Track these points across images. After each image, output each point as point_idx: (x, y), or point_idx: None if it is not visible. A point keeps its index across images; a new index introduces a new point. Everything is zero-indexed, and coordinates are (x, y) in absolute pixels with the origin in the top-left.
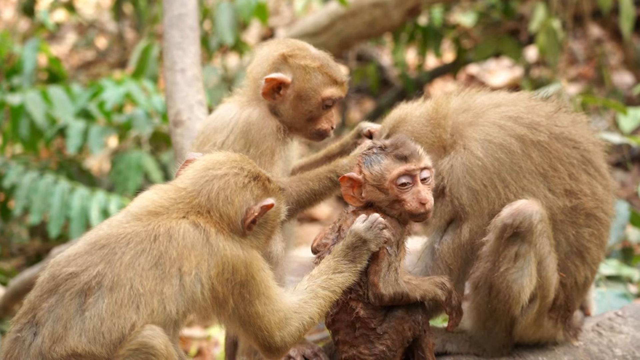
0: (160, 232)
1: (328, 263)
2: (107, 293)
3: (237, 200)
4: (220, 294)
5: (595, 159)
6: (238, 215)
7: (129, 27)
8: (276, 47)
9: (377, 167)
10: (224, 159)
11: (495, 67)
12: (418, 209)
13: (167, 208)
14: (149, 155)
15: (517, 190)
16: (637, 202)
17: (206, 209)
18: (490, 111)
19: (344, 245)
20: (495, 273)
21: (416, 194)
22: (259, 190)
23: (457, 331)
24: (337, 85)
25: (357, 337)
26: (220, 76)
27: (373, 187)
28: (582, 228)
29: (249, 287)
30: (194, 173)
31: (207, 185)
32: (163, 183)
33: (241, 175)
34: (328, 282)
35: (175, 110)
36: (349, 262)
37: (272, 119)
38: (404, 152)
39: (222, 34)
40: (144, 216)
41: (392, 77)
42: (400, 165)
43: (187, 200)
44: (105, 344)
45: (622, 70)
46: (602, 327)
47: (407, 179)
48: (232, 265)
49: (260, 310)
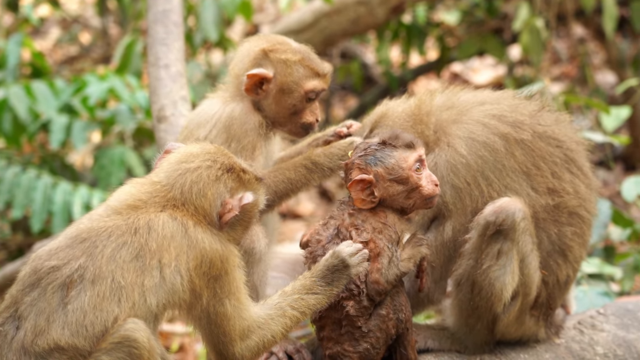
0: (140, 225)
1: (304, 282)
2: (89, 286)
3: (210, 193)
4: (197, 287)
5: (578, 158)
6: (212, 208)
7: (113, 23)
8: (257, 42)
9: (392, 160)
10: (198, 151)
11: (479, 65)
12: (434, 191)
13: (145, 202)
14: (132, 151)
15: (500, 189)
16: (620, 201)
17: (181, 202)
18: (474, 109)
19: (324, 267)
20: (477, 270)
21: (428, 177)
22: (233, 182)
23: (439, 328)
24: (319, 78)
25: (342, 334)
26: (204, 72)
27: (391, 181)
28: (565, 226)
29: (222, 283)
30: (168, 166)
31: (180, 179)
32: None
33: (214, 168)
34: (299, 302)
35: (158, 106)
36: (325, 285)
37: (254, 114)
38: (409, 140)
39: (206, 31)
40: (124, 210)
41: (376, 74)
42: (412, 152)
43: (163, 194)
44: (88, 337)
45: (604, 70)
46: (584, 325)
47: (420, 164)
48: (210, 258)
49: (229, 312)
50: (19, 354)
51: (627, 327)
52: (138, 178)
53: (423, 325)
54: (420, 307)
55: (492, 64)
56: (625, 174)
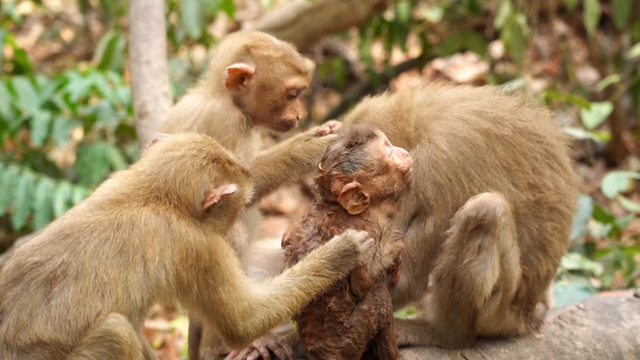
0: (122, 221)
1: (312, 262)
2: (72, 282)
3: (194, 182)
4: (185, 280)
5: (558, 154)
6: (196, 198)
7: (95, 20)
8: (239, 38)
9: (367, 157)
10: (185, 140)
11: (461, 62)
12: (409, 162)
13: (128, 195)
14: (114, 148)
15: (481, 184)
16: (600, 197)
17: (164, 192)
18: (454, 105)
19: (335, 249)
20: (458, 265)
21: (398, 153)
22: (218, 172)
23: (420, 323)
24: (300, 75)
25: (324, 330)
26: (187, 69)
27: (375, 176)
28: (545, 222)
29: (213, 273)
30: (154, 155)
31: (164, 167)
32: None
33: (199, 157)
34: (307, 283)
35: (140, 102)
36: (333, 269)
37: (235, 110)
38: (368, 131)
39: (188, 27)
40: (107, 205)
41: (358, 71)
42: (378, 140)
43: (147, 184)
44: (71, 332)
45: (586, 67)
46: (564, 319)
47: (389, 147)
48: (196, 251)
49: (224, 298)
50: (1, 348)
51: (606, 322)
52: (122, 170)
53: (404, 320)
54: (401, 303)
55: (474, 61)
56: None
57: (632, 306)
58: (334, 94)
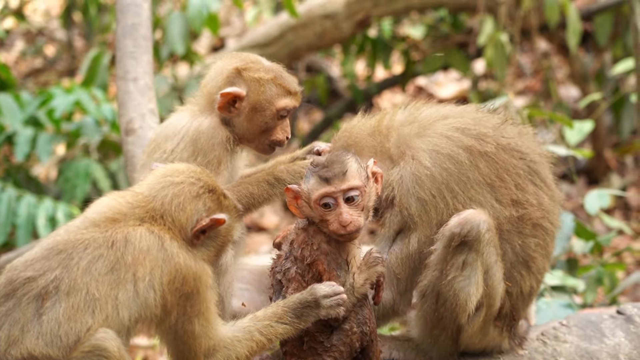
0: (117, 238)
1: (275, 310)
2: (64, 297)
3: (189, 208)
4: (168, 303)
5: (541, 170)
6: (189, 223)
7: (78, 36)
8: (230, 61)
9: (306, 186)
10: (184, 168)
11: (444, 79)
12: (339, 230)
13: (124, 214)
14: (98, 163)
15: (465, 201)
16: (583, 214)
17: (160, 213)
18: (437, 123)
19: (297, 300)
20: (442, 281)
21: (338, 215)
22: (212, 203)
23: (403, 339)
24: (291, 96)
25: (304, 350)
26: (171, 85)
27: (306, 203)
28: (528, 238)
29: (192, 302)
30: (153, 179)
31: (162, 191)
32: (112, 191)
33: (197, 185)
34: (268, 329)
35: (127, 119)
36: (295, 317)
37: (222, 129)
38: (327, 173)
39: (173, 44)
40: (102, 222)
41: (341, 88)
42: (321, 187)
43: (143, 204)
44: (62, 347)
45: (568, 84)
46: (547, 336)
47: (329, 200)
48: (184, 274)
49: (196, 331)
50: None
51: (589, 339)
52: (119, 191)
53: (388, 336)
54: (385, 319)
55: (456, 78)
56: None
57: (615, 323)
58: (317, 110)
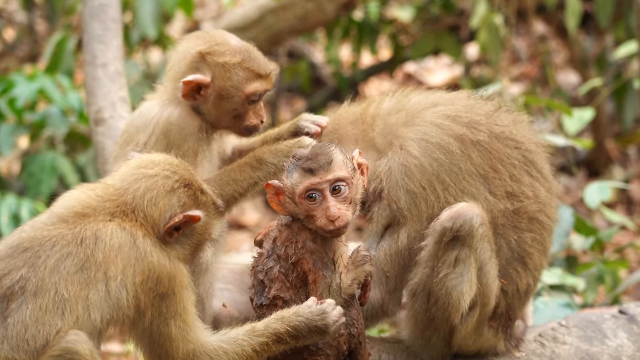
0: (86, 235)
1: (276, 327)
2: (30, 298)
3: (161, 203)
4: (142, 304)
5: (537, 160)
6: (161, 220)
7: (40, 18)
8: (194, 42)
9: (289, 180)
10: (160, 160)
11: (434, 65)
12: (327, 226)
13: (94, 208)
14: (64, 157)
15: (456, 193)
16: (582, 208)
17: (131, 208)
18: (426, 111)
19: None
20: (434, 279)
21: (325, 210)
22: (188, 198)
23: (393, 341)
24: (261, 79)
25: (289, 354)
26: (142, 72)
27: (289, 199)
28: (524, 232)
29: (168, 302)
30: (126, 170)
31: (135, 184)
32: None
33: (172, 179)
34: (263, 347)
35: (96, 108)
36: (294, 338)
37: (193, 119)
38: (312, 165)
39: (144, 27)
40: (70, 218)
41: (325, 75)
42: (305, 179)
43: (114, 197)
44: (30, 352)
45: (567, 70)
46: (545, 337)
47: (315, 193)
48: (157, 274)
49: (173, 333)
50: None
51: (590, 340)
52: (88, 183)
53: (377, 338)
54: (374, 320)
55: (447, 64)
56: (588, 179)
57: (617, 323)
58: (299, 98)
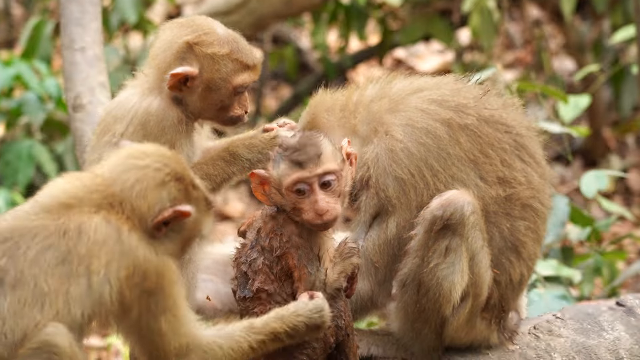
0: (70, 227)
1: (275, 326)
2: (9, 290)
3: (151, 196)
4: (127, 299)
5: (529, 145)
6: (150, 213)
7: (15, 2)
8: (180, 31)
9: (276, 171)
10: (152, 151)
11: (425, 51)
12: (315, 220)
13: (80, 199)
14: (42, 145)
15: (446, 180)
16: (579, 198)
17: (119, 200)
18: (411, 97)
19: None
20: (424, 269)
21: (313, 203)
22: (178, 192)
23: (383, 334)
24: (249, 70)
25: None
26: (122, 57)
27: (275, 190)
28: (517, 220)
29: (157, 299)
30: (115, 160)
31: (123, 175)
32: (58, 175)
33: (163, 172)
34: (260, 345)
35: (74, 94)
36: (290, 337)
37: (173, 110)
38: (300, 157)
39: (124, 11)
40: (54, 208)
41: (312, 61)
42: (294, 172)
43: (102, 188)
44: (7, 345)
45: (562, 55)
46: (540, 329)
47: (303, 186)
48: (144, 269)
49: (163, 329)
50: None
51: (586, 333)
52: (75, 172)
53: (366, 330)
54: (363, 312)
55: (439, 50)
56: (584, 168)
57: (615, 315)
58: (285, 85)
